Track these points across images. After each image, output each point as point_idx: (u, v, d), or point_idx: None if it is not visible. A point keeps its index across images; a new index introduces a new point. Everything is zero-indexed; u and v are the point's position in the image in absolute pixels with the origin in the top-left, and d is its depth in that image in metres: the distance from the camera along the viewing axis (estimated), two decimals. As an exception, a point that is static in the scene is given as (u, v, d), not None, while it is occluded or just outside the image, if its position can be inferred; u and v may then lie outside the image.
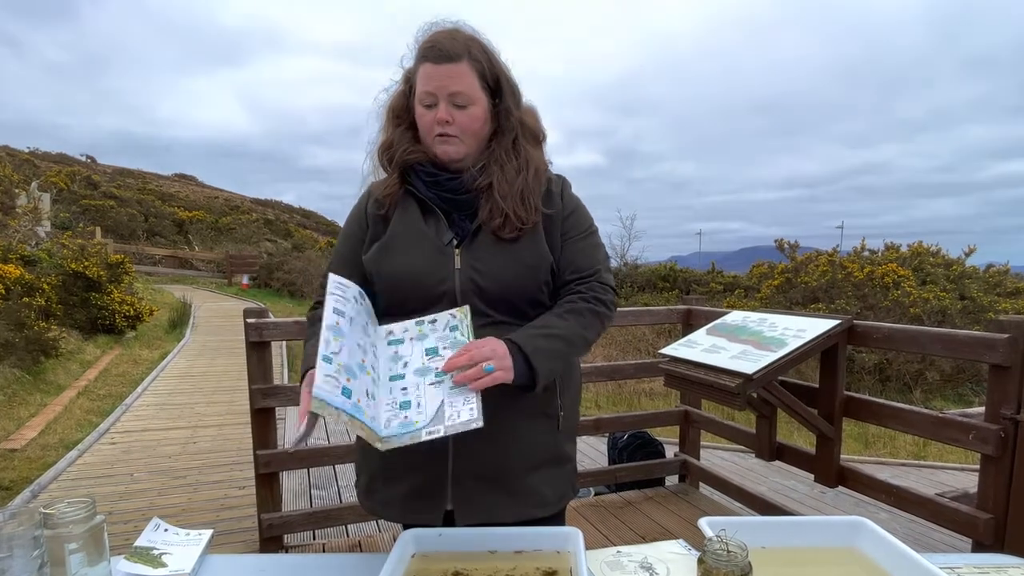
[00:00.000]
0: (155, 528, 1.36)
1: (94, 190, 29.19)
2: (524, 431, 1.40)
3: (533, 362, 1.27)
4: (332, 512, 3.25)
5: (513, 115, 1.44)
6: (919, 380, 9.94)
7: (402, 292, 1.39)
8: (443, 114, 1.36)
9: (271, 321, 3.04)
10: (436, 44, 1.35)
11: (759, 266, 15.81)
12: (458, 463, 1.37)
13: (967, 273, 13.03)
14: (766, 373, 2.43)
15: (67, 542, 1.03)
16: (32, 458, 5.21)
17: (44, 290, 8.97)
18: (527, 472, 1.41)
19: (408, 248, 1.41)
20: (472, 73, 1.37)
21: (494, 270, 1.38)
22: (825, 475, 2.80)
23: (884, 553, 1.11)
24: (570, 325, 1.37)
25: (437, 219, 1.42)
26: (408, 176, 1.45)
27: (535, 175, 1.43)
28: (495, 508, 1.38)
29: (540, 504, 1.43)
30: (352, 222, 1.53)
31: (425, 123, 1.39)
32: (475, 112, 1.39)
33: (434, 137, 1.39)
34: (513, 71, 1.47)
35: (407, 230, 1.43)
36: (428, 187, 1.43)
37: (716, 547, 0.93)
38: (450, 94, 1.35)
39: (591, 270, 1.46)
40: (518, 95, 1.47)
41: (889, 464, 5.86)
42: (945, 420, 2.37)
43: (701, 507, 3.68)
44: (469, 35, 1.39)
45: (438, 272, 1.37)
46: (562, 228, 1.46)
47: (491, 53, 1.41)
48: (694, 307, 3.83)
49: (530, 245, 1.41)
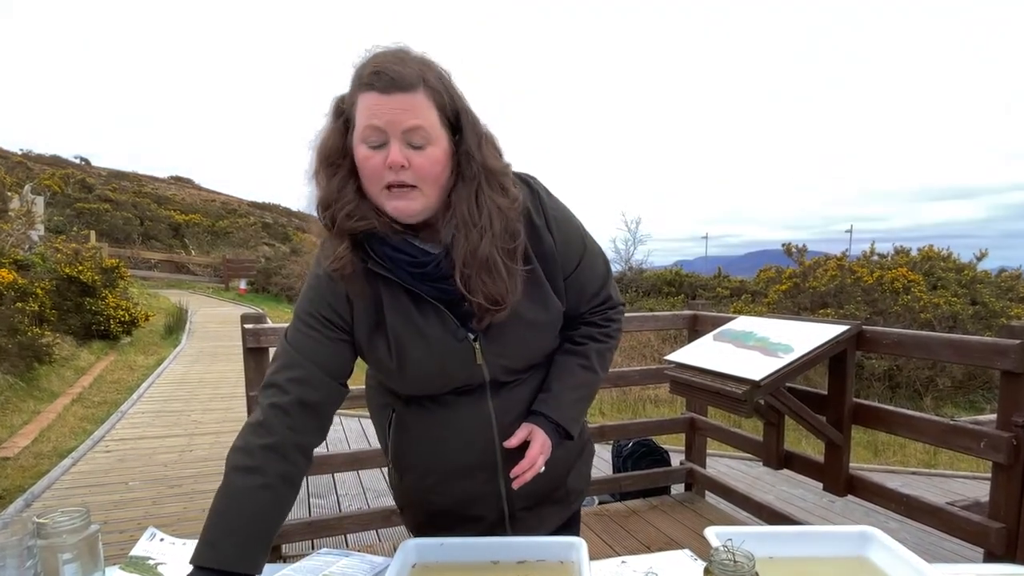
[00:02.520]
0: (150, 538, 1.36)
1: (88, 193, 29.21)
2: (560, 453, 1.40)
3: (571, 432, 1.35)
4: (331, 521, 3.24)
5: (475, 159, 1.16)
6: (929, 387, 9.91)
7: (421, 390, 1.31)
8: (396, 156, 1.08)
9: (269, 327, 3.04)
10: (382, 69, 1.08)
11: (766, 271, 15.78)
12: (512, 507, 1.38)
13: (978, 278, 12.99)
14: (774, 380, 2.43)
15: (61, 552, 1.04)
16: (25, 466, 5.21)
17: (38, 295, 8.97)
18: (564, 479, 1.46)
19: (422, 352, 1.23)
20: (430, 105, 1.11)
21: (519, 348, 1.29)
22: (834, 484, 2.79)
23: (894, 563, 1.11)
24: (595, 378, 1.40)
25: (436, 309, 1.22)
26: (370, 245, 1.19)
27: (505, 230, 1.18)
28: (547, 520, 1.44)
29: (578, 498, 1.51)
30: (324, 303, 1.24)
31: (371, 168, 1.11)
32: (435, 154, 1.12)
33: (382, 188, 1.12)
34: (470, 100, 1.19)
35: (409, 329, 1.22)
36: (415, 279, 1.19)
37: (722, 557, 0.93)
38: (404, 131, 1.09)
39: (601, 293, 1.39)
40: (479, 132, 1.19)
41: (899, 472, 5.85)
42: (956, 428, 2.37)
43: (707, 516, 3.67)
44: (421, 58, 1.14)
45: (464, 371, 1.26)
46: (562, 263, 1.30)
47: (448, 81, 1.16)
48: (700, 312, 3.82)
49: (542, 303, 1.28)
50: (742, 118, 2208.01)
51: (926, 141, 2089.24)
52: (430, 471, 1.35)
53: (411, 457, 1.37)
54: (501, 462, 1.32)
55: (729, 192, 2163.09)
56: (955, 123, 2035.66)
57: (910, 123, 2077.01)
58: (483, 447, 1.31)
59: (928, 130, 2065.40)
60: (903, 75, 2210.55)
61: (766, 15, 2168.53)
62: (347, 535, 3.67)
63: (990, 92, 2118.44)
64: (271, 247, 28.40)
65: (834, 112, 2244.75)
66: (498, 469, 1.32)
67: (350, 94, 1.14)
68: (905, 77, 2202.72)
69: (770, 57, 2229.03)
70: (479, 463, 1.32)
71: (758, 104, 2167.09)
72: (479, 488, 1.34)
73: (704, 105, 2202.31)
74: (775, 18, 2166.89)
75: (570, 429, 1.33)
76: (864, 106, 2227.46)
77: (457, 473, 1.33)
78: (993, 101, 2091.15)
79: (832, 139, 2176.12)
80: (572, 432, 1.34)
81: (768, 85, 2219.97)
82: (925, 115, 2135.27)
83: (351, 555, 1.34)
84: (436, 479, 1.35)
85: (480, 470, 1.32)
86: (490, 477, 1.33)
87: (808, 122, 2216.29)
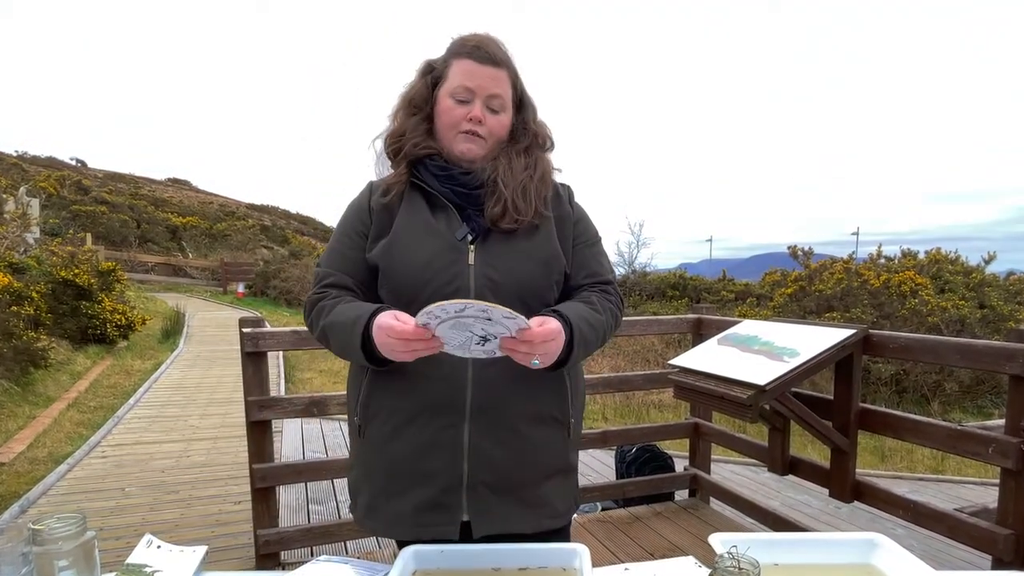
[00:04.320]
0: (147, 544, 1.36)
1: (84, 195, 29.27)
2: (537, 439, 1.43)
3: (573, 351, 1.33)
4: (330, 528, 3.25)
5: (529, 127, 1.50)
6: (937, 391, 9.90)
7: (410, 289, 1.38)
8: (478, 113, 1.40)
9: (267, 331, 3.05)
10: (482, 45, 1.41)
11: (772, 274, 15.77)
12: (472, 471, 1.38)
13: (987, 281, 12.98)
14: (779, 384, 2.43)
15: (57, 559, 1.03)
16: (20, 472, 5.21)
17: (33, 299, 8.98)
18: (540, 482, 1.44)
19: (419, 243, 1.40)
20: (508, 83, 1.45)
21: (509, 266, 1.40)
22: (840, 490, 2.79)
23: (901, 571, 1.11)
24: (604, 321, 1.43)
25: (448, 214, 1.43)
26: (416, 169, 1.46)
27: (541, 177, 1.47)
28: (510, 519, 1.41)
29: (552, 515, 1.47)
30: (352, 217, 1.51)
31: (454, 116, 1.42)
32: (504, 120, 1.46)
33: (459, 133, 1.42)
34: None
35: (415, 224, 1.42)
36: (440, 181, 1.43)
37: (727, 564, 0.93)
38: (489, 96, 1.41)
39: (605, 277, 1.52)
40: (535, 112, 1.53)
41: (906, 478, 5.84)
42: (964, 433, 2.37)
43: (712, 523, 3.66)
44: (506, 48, 1.46)
45: (452, 268, 1.37)
46: (573, 232, 1.51)
47: (518, 72, 1.48)
48: (705, 316, 3.82)
49: (543, 243, 1.44)
50: (745, 119, 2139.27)
51: (932, 142, 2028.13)
52: (396, 410, 1.40)
53: (381, 398, 1.42)
54: (469, 409, 1.36)
55: (733, 193, 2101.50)
56: (961, 124, 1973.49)
57: (915, 124, 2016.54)
58: (456, 385, 1.36)
59: (934, 131, 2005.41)
60: (907, 75, 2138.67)
61: (766, 15, 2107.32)
62: (347, 542, 3.67)
63: (995, 93, 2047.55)
64: (270, 250, 28.42)
65: (837, 113, 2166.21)
66: (465, 416, 1.37)
67: (446, 58, 1.46)
68: (909, 77, 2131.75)
69: (771, 57, 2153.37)
70: (448, 401, 1.36)
71: (761, 104, 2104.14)
72: (441, 435, 1.37)
73: (706, 106, 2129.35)
74: (776, 18, 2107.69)
75: (574, 351, 1.32)
76: (868, 107, 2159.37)
77: (423, 412, 1.38)
78: (998, 102, 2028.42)
79: (836, 140, 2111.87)
80: (573, 354, 1.32)
81: (770, 85, 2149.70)
82: (930, 116, 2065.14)
83: (351, 562, 1.34)
84: (400, 420, 1.39)
85: (447, 411, 1.36)
86: (453, 423, 1.37)
87: (812, 123, 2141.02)
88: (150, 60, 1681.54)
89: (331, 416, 6.51)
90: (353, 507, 1.56)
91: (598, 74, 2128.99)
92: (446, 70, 1.44)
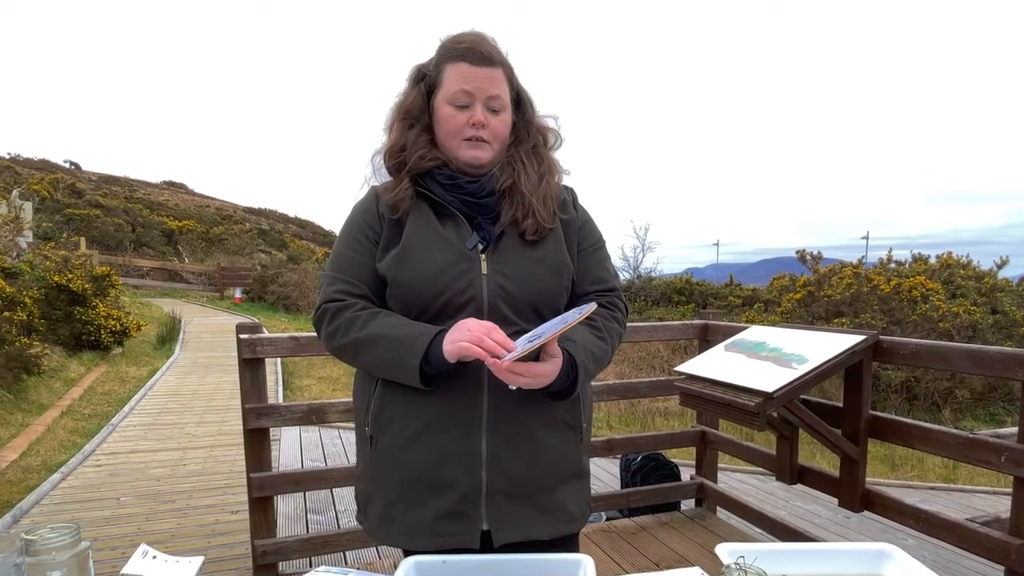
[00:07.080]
0: (143, 555, 1.36)
1: (78, 198, 29.32)
2: (551, 444, 1.44)
3: (577, 386, 1.37)
4: (330, 538, 3.24)
5: (533, 125, 1.51)
6: (948, 399, 9.88)
7: (423, 299, 1.38)
8: (480, 117, 1.39)
9: (265, 337, 3.05)
10: (475, 45, 1.40)
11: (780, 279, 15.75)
12: (491, 479, 1.39)
13: (999, 286, 12.96)
14: (787, 391, 2.43)
15: (50, 570, 1.04)
16: (13, 481, 5.21)
17: (26, 304, 9.00)
18: (555, 486, 1.46)
19: (430, 254, 1.39)
20: (505, 81, 1.43)
21: (522, 275, 1.40)
22: (849, 499, 2.78)
23: (912, 582, 1.11)
24: (606, 349, 1.46)
25: (457, 223, 1.42)
26: (420, 179, 1.44)
27: (556, 181, 1.50)
28: (530, 525, 1.42)
29: (568, 520, 1.48)
30: (361, 222, 1.48)
31: (456, 123, 1.40)
32: (506, 119, 1.45)
33: (463, 140, 1.41)
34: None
35: (426, 235, 1.41)
36: (447, 190, 1.43)
37: (735, 575, 0.93)
38: (488, 97, 1.40)
39: (611, 284, 1.54)
40: (533, 106, 1.52)
41: (917, 487, 5.83)
42: (975, 441, 2.36)
43: (719, 533, 3.65)
44: (497, 45, 1.44)
45: (465, 278, 1.38)
46: (578, 236, 1.52)
47: (512, 67, 1.47)
48: (711, 322, 3.82)
49: (553, 249, 1.45)
50: (752, 121, 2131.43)
51: (942, 144, 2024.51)
52: (411, 419, 1.40)
53: (395, 407, 1.41)
54: (486, 417, 1.37)
55: (740, 197, 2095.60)
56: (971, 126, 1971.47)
57: (925, 126, 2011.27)
58: (472, 393, 1.37)
59: (942, 134, 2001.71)
60: (914, 76, 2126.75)
61: (767, 15, 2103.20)
62: (346, 552, 3.66)
63: (1009, 93, 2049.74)
64: (267, 254, 28.47)
65: (847, 115, 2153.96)
66: (482, 425, 1.37)
67: (438, 63, 1.43)
68: (919, 78, 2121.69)
69: (775, 59, 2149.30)
70: (464, 409, 1.37)
71: (768, 107, 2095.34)
72: (456, 445, 1.37)
73: (713, 108, 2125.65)
74: (776, 18, 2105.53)
75: (578, 386, 1.38)
76: (878, 108, 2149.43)
77: (438, 423, 1.38)
78: (1011, 102, 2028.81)
79: (845, 142, 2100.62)
80: (578, 378, 1.36)
81: (776, 88, 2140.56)
82: (939, 118, 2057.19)
83: (350, 572, 1.34)
84: (415, 430, 1.39)
85: (463, 419, 1.37)
86: (470, 432, 1.37)
87: (820, 125, 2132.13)
88: (145, 61, 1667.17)
89: (330, 424, 6.52)
90: (362, 518, 1.55)
91: (601, 76, 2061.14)
92: (440, 75, 1.42)
